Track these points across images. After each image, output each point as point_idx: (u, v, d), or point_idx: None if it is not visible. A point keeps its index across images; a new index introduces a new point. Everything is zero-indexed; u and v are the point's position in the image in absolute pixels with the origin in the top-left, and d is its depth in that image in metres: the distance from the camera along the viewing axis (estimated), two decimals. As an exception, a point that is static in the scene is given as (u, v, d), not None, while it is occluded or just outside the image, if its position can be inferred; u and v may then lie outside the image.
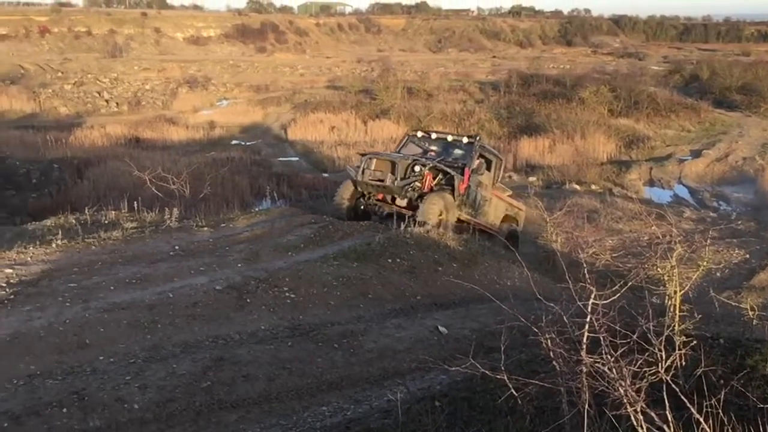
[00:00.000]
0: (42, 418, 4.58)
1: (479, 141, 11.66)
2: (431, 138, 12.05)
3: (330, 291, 7.40)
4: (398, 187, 10.58)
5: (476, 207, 11.37)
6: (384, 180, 10.63)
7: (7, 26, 63.93)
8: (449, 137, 11.90)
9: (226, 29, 76.98)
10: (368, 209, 11.16)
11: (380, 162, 10.88)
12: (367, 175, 10.85)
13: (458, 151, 11.59)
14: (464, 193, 10.88)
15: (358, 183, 10.91)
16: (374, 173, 10.78)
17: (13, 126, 25.93)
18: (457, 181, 10.72)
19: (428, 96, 34.55)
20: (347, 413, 5.11)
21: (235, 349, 5.95)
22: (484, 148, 11.89)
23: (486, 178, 11.70)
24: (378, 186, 10.78)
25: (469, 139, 11.65)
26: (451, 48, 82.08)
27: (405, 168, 10.65)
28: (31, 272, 7.13)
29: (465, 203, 11.06)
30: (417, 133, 12.41)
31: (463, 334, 6.74)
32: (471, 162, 11.11)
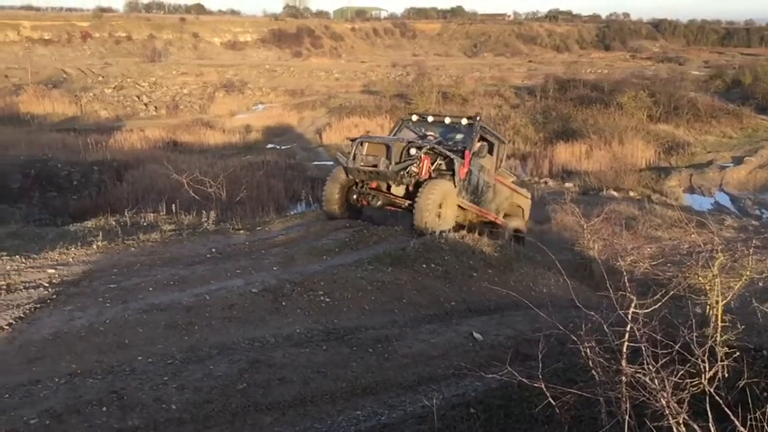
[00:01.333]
0: (82, 416, 4.66)
1: (480, 122, 10.77)
2: (427, 121, 11.07)
3: (365, 295, 7.41)
4: (393, 173, 9.58)
5: (478, 193, 10.65)
6: (377, 165, 9.65)
7: (50, 31, 65.58)
8: (447, 119, 10.98)
9: (263, 34, 77.88)
10: (361, 201, 10.25)
11: (373, 146, 9.88)
12: (358, 161, 9.84)
13: (458, 135, 10.73)
14: (465, 178, 10.09)
15: (350, 170, 9.92)
16: (366, 159, 9.79)
17: (55, 129, 26.51)
18: (458, 164, 9.87)
19: (463, 100, 34.43)
20: (381, 418, 5.10)
21: (271, 352, 5.99)
22: (486, 130, 10.98)
23: (488, 162, 10.87)
24: (371, 172, 9.79)
25: (469, 120, 10.70)
26: (486, 52, 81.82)
27: (400, 151, 9.66)
28: (73, 273, 7.28)
29: (466, 189, 10.29)
30: (412, 116, 11.36)
31: (498, 341, 6.69)
32: (471, 144, 10.27)
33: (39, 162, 18.77)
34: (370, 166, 9.70)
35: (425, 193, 9.32)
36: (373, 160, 9.70)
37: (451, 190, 9.78)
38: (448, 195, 9.67)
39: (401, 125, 11.26)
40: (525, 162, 23.20)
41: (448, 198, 9.66)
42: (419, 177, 9.66)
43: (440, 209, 9.51)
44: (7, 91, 35.34)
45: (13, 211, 14.63)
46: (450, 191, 9.74)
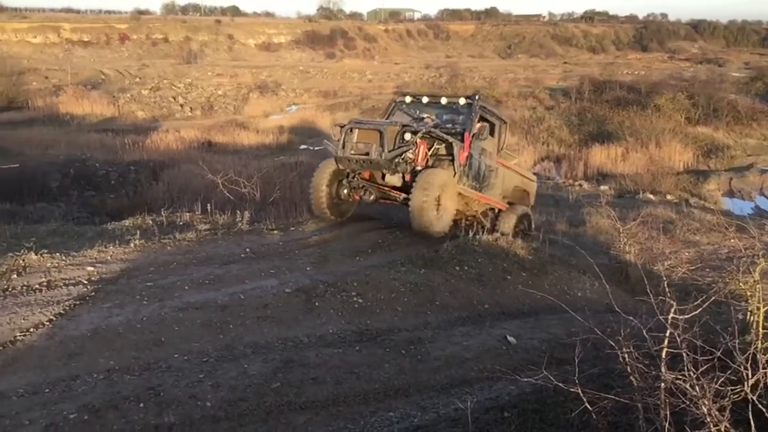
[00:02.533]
0: (120, 411, 4.74)
1: (479, 101, 9.93)
2: (422, 103, 10.21)
3: (397, 297, 7.40)
4: (386, 161, 8.82)
5: (480, 179, 9.92)
6: (369, 153, 8.87)
7: (90, 33, 66.88)
8: (443, 100, 10.13)
9: (297, 36, 78.44)
10: (353, 196, 9.61)
11: (364, 133, 9.04)
12: (348, 149, 9.05)
13: (456, 117, 9.97)
14: (465, 163, 9.37)
15: (339, 160, 9.15)
16: (357, 146, 9.00)
17: (93, 129, 26.99)
18: (457, 149, 9.14)
19: (497, 102, 34.25)
20: (414, 420, 5.08)
21: (304, 352, 6.01)
22: (486, 110, 10.19)
23: (490, 144, 10.14)
24: (363, 161, 9.01)
25: (467, 99, 9.88)
26: (521, 54, 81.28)
27: (394, 137, 8.88)
28: (111, 270, 7.40)
29: (467, 175, 9.54)
30: (405, 98, 10.44)
31: (533, 345, 6.62)
32: (471, 126, 9.50)
33: (78, 161, 19.13)
34: (362, 155, 8.94)
35: (420, 186, 8.64)
36: (365, 147, 8.94)
37: (450, 180, 9.06)
38: (446, 185, 8.96)
39: (394, 108, 10.44)
40: (559, 164, 22.99)
41: (446, 188, 8.97)
42: (415, 165, 8.99)
43: (439, 201, 8.87)
44: (48, 92, 36.09)
45: (53, 210, 14.92)
46: (448, 180, 9.03)
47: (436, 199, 8.73)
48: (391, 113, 10.34)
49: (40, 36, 63.85)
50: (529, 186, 11.60)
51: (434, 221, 8.78)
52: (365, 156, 8.90)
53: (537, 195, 12.49)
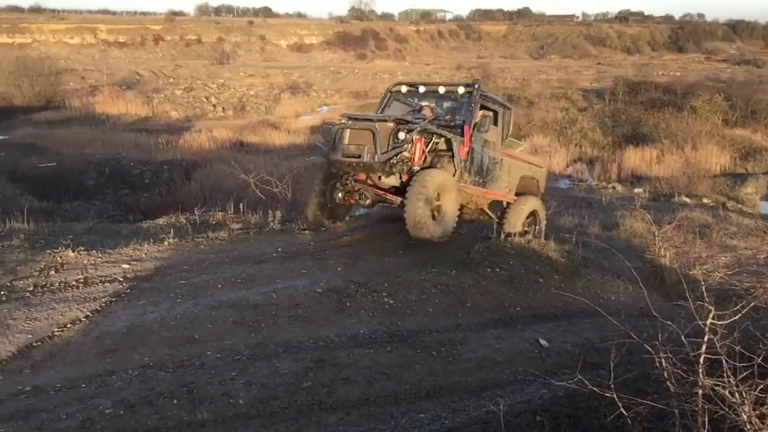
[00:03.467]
0: (154, 407, 4.80)
1: (479, 89, 9.24)
2: (419, 92, 9.60)
3: (428, 298, 7.38)
4: (380, 163, 8.24)
5: (484, 173, 9.31)
6: (361, 155, 8.32)
7: (125, 35, 68.00)
8: (441, 89, 9.47)
9: (328, 36, 78.79)
10: (348, 200, 9.13)
11: (356, 133, 8.45)
12: (339, 151, 8.51)
13: (457, 105, 9.37)
14: (466, 158, 8.79)
15: (331, 162, 8.71)
16: (348, 148, 8.43)
17: (128, 129, 27.42)
18: (456, 144, 8.57)
19: (529, 103, 34.05)
20: (445, 422, 5.06)
21: (335, 352, 6.03)
22: (487, 98, 9.52)
23: (493, 135, 9.51)
24: (355, 164, 8.51)
25: (467, 88, 9.22)
26: (553, 54, 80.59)
27: (388, 135, 8.26)
28: (146, 268, 7.50)
29: (469, 171, 8.95)
30: (401, 87, 9.80)
31: (565, 349, 6.56)
32: (471, 117, 8.89)
33: (113, 160, 19.47)
34: (354, 157, 8.41)
35: (415, 191, 8.09)
36: (356, 149, 8.36)
37: (449, 181, 8.50)
38: (445, 186, 8.43)
39: (390, 98, 9.81)
40: (592, 166, 22.72)
41: (446, 190, 8.45)
42: (413, 164, 8.41)
43: (438, 204, 8.41)
44: (84, 92, 36.77)
45: (89, 208, 15.22)
46: (447, 181, 8.47)
47: (433, 204, 8.26)
48: (387, 105, 9.77)
49: (77, 37, 65.11)
50: (537, 174, 10.98)
51: (432, 227, 8.31)
52: (357, 159, 8.38)
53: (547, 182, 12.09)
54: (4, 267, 7.18)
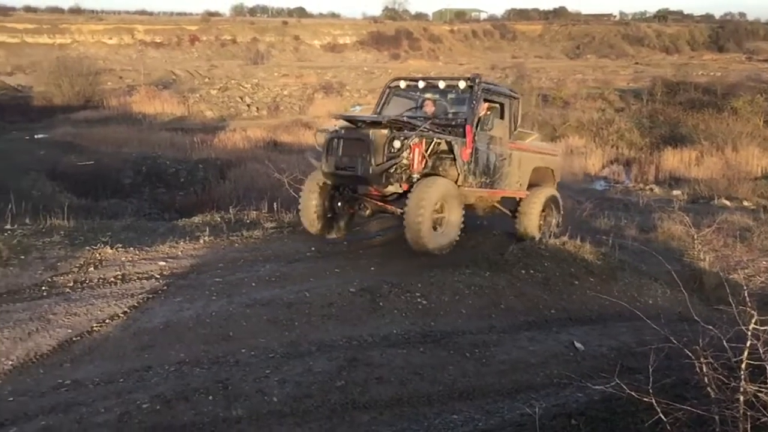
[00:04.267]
0: (190, 403, 4.85)
1: (480, 83, 8.60)
2: (419, 87, 9.08)
3: (461, 299, 7.34)
4: (375, 175, 7.78)
5: (491, 172, 8.78)
6: (355, 167, 7.87)
7: (162, 35, 69.01)
8: (441, 83, 8.90)
9: (362, 36, 78.94)
10: (347, 209, 8.70)
11: (349, 143, 7.98)
12: (332, 163, 8.08)
13: (462, 100, 8.79)
14: (470, 159, 8.28)
15: (324, 174, 8.30)
16: (342, 160, 7.99)
17: (164, 128, 27.78)
18: (458, 147, 8.09)
19: (564, 104, 33.68)
20: (479, 424, 5.03)
21: (368, 351, 6.03)
22: (490, 91, 8.89)
23: (500, 130, 8.92)
24: (348, 176, 8.12)
25: (468, 82, 8.63)
26: (590, 54, 79.58)
27: (383, 144, 7.74)
28: (182, 266, 7.60)
29: (474, 173, 8.42)
30: (400, 83, 9.29)
31: (601, 352, 6.47)
32: (473, 115, 8.35)
33: (149, 159, 19.76)
34: (347, 169, 7.98)
35: (414, 203, 7.64)
36: (349, 161, 7.90)
37: (451, 189, 8.03)
38: (448, 195, 7.98)
39: (389, 95, 9.30)
40: (629, 168, 22.39)
41: (449, 199, 8.00)
42: (412, 171, 7.91)
43: (441, 215, 8.01)
44: (122, 92, 37.36)
45: (126, 206, 15.46)
46: (449, 190, 8.01)
47: (434, 215, 7.87)
48: (386, 102, 9.26)
49: (115, 37, 66.29)
50: (551, 163, 10.32)
51: (434, 240, 7.93)
52: (351, 171, 7.94)
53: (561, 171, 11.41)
54: (44, 263, 7.33)
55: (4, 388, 4.94)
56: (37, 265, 7.26)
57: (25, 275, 6.97)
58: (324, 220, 8.61)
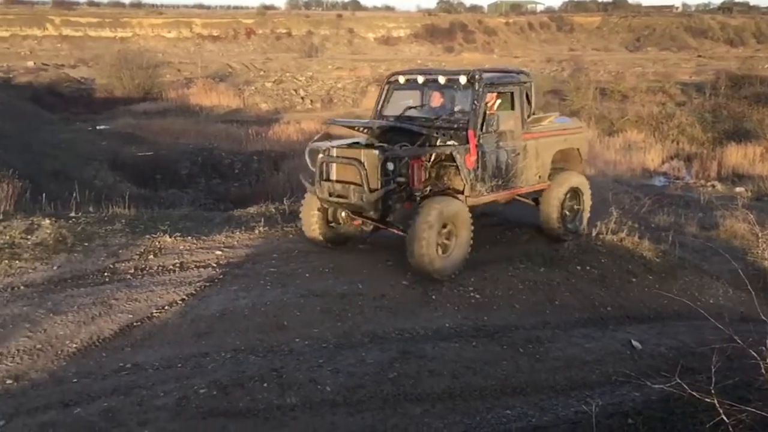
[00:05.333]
0: (245, 390, 4.94)
1: (481, 79, 7.68)
2: (418, 82, 8.20)
3: (515, 294, 7.28)
4: (370, 203, 7.14)
5: (504, 172, 7.96)
6: (348, 196, 7.29)
7: (219, 28, 70.16)
8: (441, 78, 7.97)
9: (416, 29, 78.70)
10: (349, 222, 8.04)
11: (342, 167, 7.35)
12: (325, 190, 7.50)
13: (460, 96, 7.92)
14: (476, 166, 7.51)
15: (319, 199, 7.74)
16: (334, 187, 7.40)
17: (220, 120, 28.22)
18: (461, 156, 7.32)
19: (623, 97, 32.82)
20: (532, 420, 4.98)
21: (421, 344, 6.03)
22: (494, 84, 7.94)
23: (510, 122, 8.06)
24: (343, 204, 7.54)
25: (468, 78, 7.70)
26: (650, 47, 77.53)
27: (376, 167, 7.07)
28: (237, 255, 7.72)
29: (482, 178, 7.64)
30: (399, 77, 8.43)
31: (659, 351, 6.32)
32: (476, 117, 7.52)
33: (206, 151, 20.14)
34: (341, 197, 7.41)
35: (417, 225, 6.97)
36: (342, 189, 7.32)
37: (457, 209, 7.29)
38: (455, 216, 7.26)
39: (389, 91, 8.50)
40: (690, 163, 21.70)
41: (457, 217, 7.29)
42: (413, 188, 7.25)
43: (447, 238, 7.31)
44: (180, 84, 38.10)
45: (182, 196, 15.82)
46: (458, 211, 7.29)
47: (440, 238, 7.18)
48: (386, 98, 8.49)
49: (174, 31, 67.73)
50: (576, 141, 9.23)
51: (439, 265, 7.20)
52: (344, 200, 7.39)
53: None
54: (107, 250, 7.55)
55: (68, 370, 5.12)
56: (100, 251, 7.49)
57: (88, 261, 7.19)
58: (326, 232, 8.06)
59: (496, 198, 8.12)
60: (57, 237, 7.65)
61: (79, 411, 4.53)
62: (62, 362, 5.20)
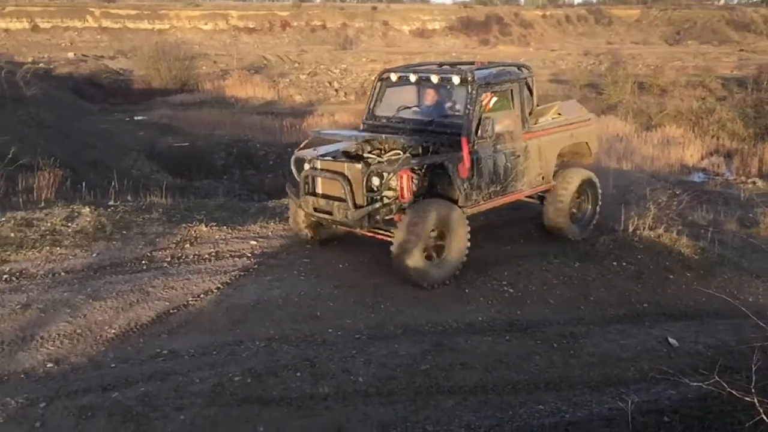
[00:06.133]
0: (279, 378, 4.99)
1: (474, 80, 7.04)
2: (411, 81, 7.64)
3: (549, 289, 7.22)
4: (356, 220, 6.77)
5: (503, 177, 7.41)
6: (332, 212, 6.94)
7: (254, 21, 70.59)
8: (434, 78, 7.34)
9: (451, 22, 78.20)
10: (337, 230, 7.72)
11: (328, 183, 7.01)
12: (310, 204, 7.17)
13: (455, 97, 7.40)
14: (470, 175, 6.96)
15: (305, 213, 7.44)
16: (318, 202, 7.08)
17: (255, 111, 28.45)
18: (453, 166, 6.81)
19: (662, 91, 32.26)
20: (565, 415, 4.95)
21: (454, 337, 6.02)
22: (490, 85, 7.29)
23: (508, 122, 7.52)
24: (328, 220, 7.24)
25: (461, 78, 7.11)
26: (690, 40, 75.94)
27: (361, 181, 6.71)
28: (272, 245, 7.79)
29: (478, 186, 7.12)
30: (390, 75, 7.86)
31: (697, 350, 6.22)
32: (470, 124, 6.93)
33: (241, 142, 20.33)
34: (325, 212, 7.06)
35: (403, 230, 6.57)
36: (326, 204, 6.98)
37: (450, 212, 6.82)
38: (448, 221, 6.80)
39: (382, 88, 7.97)
40: (730, 159, 21.26)
41: (450, 223, 6.82)
42: (402, 201, 6.77)
43: (437, 242, 6.88)
44: (216, 76, 38.45)
45: (217, 186, 15.97)
46: (451, 215, 6.82)
47: (429, 244, 6.77)
48: (379, 97, 7.98)
49: (210, 23, 68.33)
50: (584, 134, 8.58)
51: (426, 273, 6.76)
52: (329, 216, 7.04)
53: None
54: (144, 238, 7.68)
55: (107, 355, 5.22)
56: (137, 240, 7.61)
57: (126, 249, 7.32)
58: (314, 229, 7.73)
59: (494, 205, 7.58)
60: (96, 225, 7.79)
61: (117, 395, 4.62)
62: (101, 347, 5.31)
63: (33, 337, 5.30)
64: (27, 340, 5.27)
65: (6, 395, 4.51)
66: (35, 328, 5.43)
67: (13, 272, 6.45)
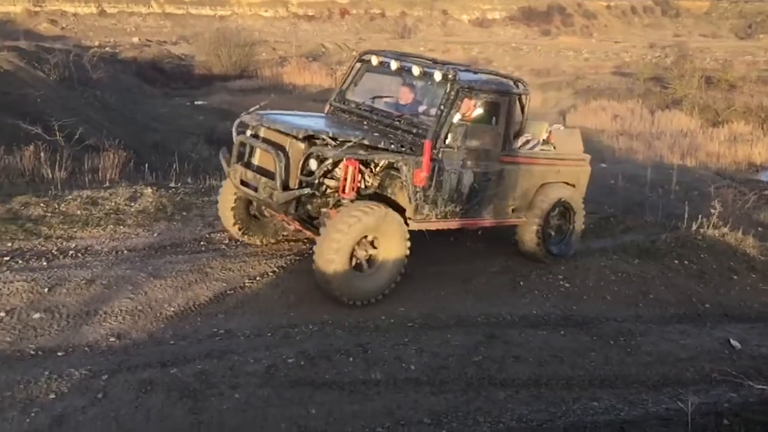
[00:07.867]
0: (332, 362, 5.03)
1: (457, 80, 6.20)
2: (391, 68, 6.74)
3: (606, 285, 7.09)
4: (280, 204, 5.89)
5: (465, 199, 6.45)
6: (257, 188, 6.07)
7: (314, 8, 70.98)
8: (415, 69, 6.45)
9: (511, 12, 77.06)
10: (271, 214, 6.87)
11: (265, 155, 6.12)
12: (237, 175, 6.33)
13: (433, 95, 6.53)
14: (427, 185, 6.07)
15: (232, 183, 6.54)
16: (246, 174, 6.22)
17: (312, 99, 28.62)
18: (408, 169, 5.96)
19: (730, 87, 31.18)
20: (620, 414, 4.86)
21: (507, 329, 5.97)
22: (473, 90, 6.34)
23: (487, 139, 6.51)
24: (251, 197, 6.43)
25: (443, 74, 6.28)
26: (762, 34, 73.02)
27: (299, 162, 5.85)
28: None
29: (434, 200, 6.20)
30: (371, 58, 6.98)
31: (760, 352, 6.02)
32: (438, 125, 6.08)
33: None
34: (250, 189, 6.20)
35: (326, 235, 5.69)
36: (253, 178, 6.13)
37: (387, 219, 5.85)
38: (382, 227, 5.85)
39: (360, 71, 7.18)
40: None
41: (384, 233, 5.91)
42: (342, 196, 5.89)
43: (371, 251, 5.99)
44: (274, 63, 38.86)
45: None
46: (386, 223, 5.85)
47: (359, 252, 5.91)
48: (354, 80, 7.19)
49: (270, 10, 69.05)
50: (572, 175, 7.46)
51: (350, 285, 5.84)
52: (254, 192, 6.14)
53: None
54: (203, 220, 7.82)
55: (166, 332, 5.35)
56: (197, 221, 7.77)
57: (186, 230, 7.47)
58: (244, 222, 6.97)
59: (447, 227, 6.57)
60: (158, 206, 7.98)
61: (176, 371, 4.73)
62: (160, 324, 5.44)
63: (96, 312, 5.46)
64: (91, 315, 5.44)
65: (70, 366, 4.67)
66: (99, 303, 5.60)
67: (79, 248, 6.66)
